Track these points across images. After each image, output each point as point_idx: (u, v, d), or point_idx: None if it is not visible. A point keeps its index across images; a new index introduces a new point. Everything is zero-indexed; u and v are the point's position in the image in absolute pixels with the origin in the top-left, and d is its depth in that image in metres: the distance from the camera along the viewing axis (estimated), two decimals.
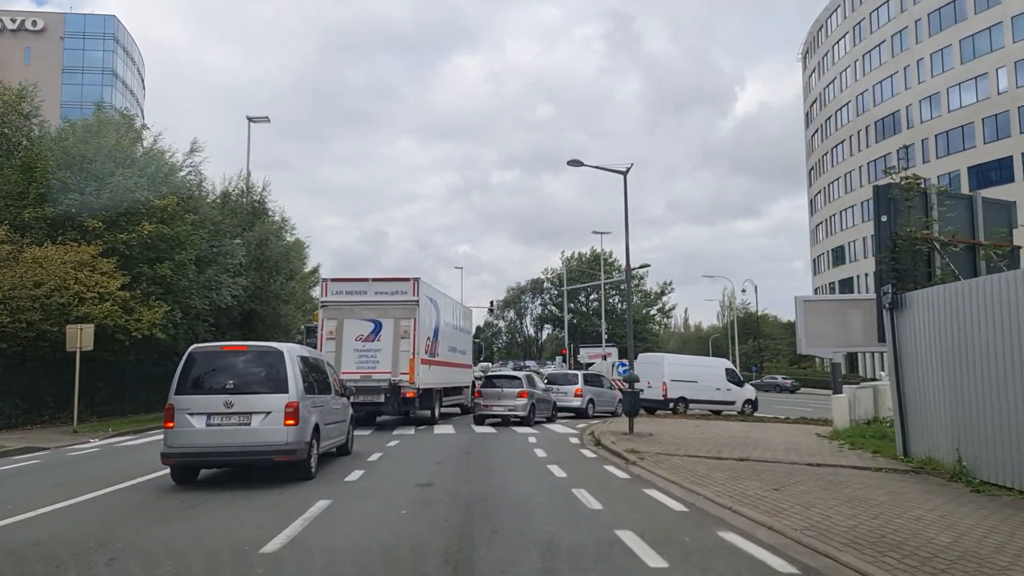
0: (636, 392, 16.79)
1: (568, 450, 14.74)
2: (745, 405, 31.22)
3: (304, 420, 11.01)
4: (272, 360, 11.10)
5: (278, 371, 10.94)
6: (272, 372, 10.98)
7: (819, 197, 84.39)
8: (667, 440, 15.51)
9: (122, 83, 79.16)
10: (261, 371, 11.06)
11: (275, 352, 11.24)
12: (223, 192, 40.98)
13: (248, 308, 37.47)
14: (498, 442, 16.16)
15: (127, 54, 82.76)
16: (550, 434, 18.71)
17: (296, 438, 10.74)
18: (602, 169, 23.71)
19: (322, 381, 12.78)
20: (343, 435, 13.99)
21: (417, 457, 13.35)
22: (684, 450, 13.55)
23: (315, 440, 11.56)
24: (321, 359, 13.62)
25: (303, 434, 10.97)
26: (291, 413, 10.73)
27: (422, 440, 16.73)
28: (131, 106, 75.84)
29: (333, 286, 21.20)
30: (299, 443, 10.81)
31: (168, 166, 28.34)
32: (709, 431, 18.59)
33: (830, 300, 30.78)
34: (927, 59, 64.95)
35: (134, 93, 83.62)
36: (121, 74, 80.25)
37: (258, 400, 10.73)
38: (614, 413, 27.98)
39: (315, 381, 12.25)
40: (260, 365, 11.13)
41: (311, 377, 12.13)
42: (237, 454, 10.69)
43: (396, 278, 21.28)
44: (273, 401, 10.71)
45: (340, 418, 13.66)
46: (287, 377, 10.89)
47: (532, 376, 23.51)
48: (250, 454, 10.68)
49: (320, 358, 13.56)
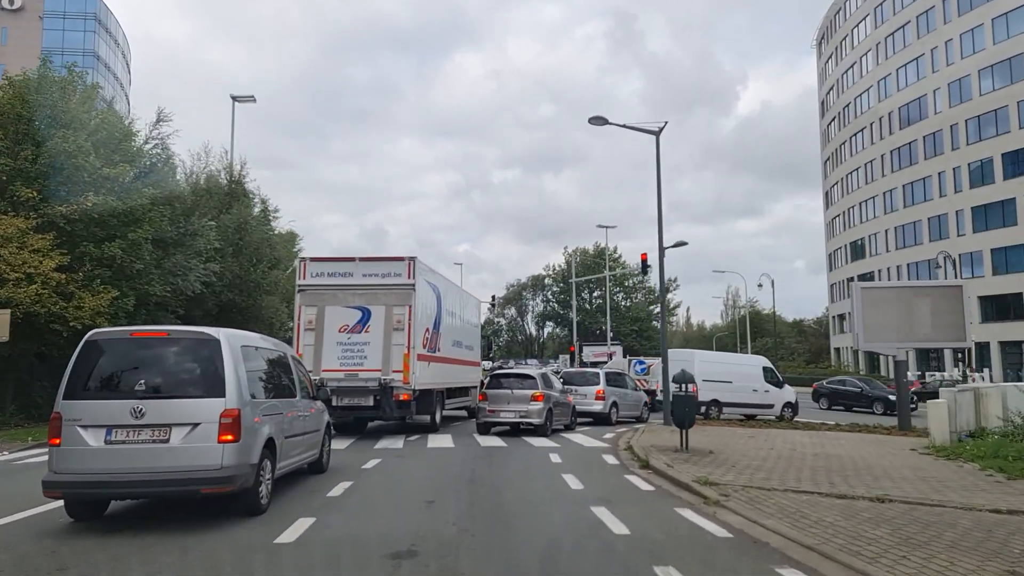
0: (691, 397, 13.11)
1: (608, 476, 11.04)
2: (784, 409, 27.58)
3: (250, 434, 7.61)
4: (204, 351, 7.64)
5: (212, 366, 7.53)
6: (204, 368, 7.58)
7: (835, 189, 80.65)
8: (737, 461, 11.83)
9: (105, 66, 75.19)
10: (188, 367, 7.67)
11: (208, 340, 7.71)
12: (195, 170, 37.65)
13: (225, 299, 33.81)
14: (511, 462, 12.46)
15: (111, 36, 78.84)
16: (574, 448, 15.03)
17: (236, 460, 7.36)
18: (631, 128, 20.08)
19: (283, 380, 9.27)
20: (315, 448, 10.50)
21: (399, 490, 9.55)
22: (773, 479, 9.88)
23: (268, 461, 8.12)
24: (284, 351, 9.96)
25: (247, 454, 7.55)
26: (229, 425, 7.33)
27: (411, 459, 13.01)
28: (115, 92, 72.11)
29: (313, 267, 17.50)
30: (240, 467, 7.41)
31: (123, 131, 24.62)
32: (775, 444, 14.92)
33: (893, 287, 27.09)
34: (956, 40, 61.20)
35: (118, 78, 79.71)
36: (104, 56, 76.31)
37: (181, 407, 7.39)
38: (639, 418, 24.34)
39: (271, 380, 8.78)
40: (186, 358, 7.72)
41: (266, 375, 8.68)
42: (148, 484, 7.25)
43: (388, 257, 17.61)
44: (203, 408, 7.36)
45: (311, 427, 10.16)
46: (225, 375, 7.47)
47: (548, 375, 19.77)
48: (167, 484, 7.25)
49: (283, 350, 9.89)
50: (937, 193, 62.68)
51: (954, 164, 60.78)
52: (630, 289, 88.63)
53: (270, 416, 8.28)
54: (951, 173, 61.15)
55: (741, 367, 27.86)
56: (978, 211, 58.59)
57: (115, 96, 56.59)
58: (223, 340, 7.63)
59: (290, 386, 9.46)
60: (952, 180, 61.06)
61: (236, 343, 7.89)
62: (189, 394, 7.41)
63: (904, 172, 66.53)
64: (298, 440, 9.45)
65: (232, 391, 7.38)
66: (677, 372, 13.53)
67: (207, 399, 7.34)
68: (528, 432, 17.71)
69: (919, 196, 64.88)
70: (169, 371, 7.55)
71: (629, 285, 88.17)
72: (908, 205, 66.12)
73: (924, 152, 64.17)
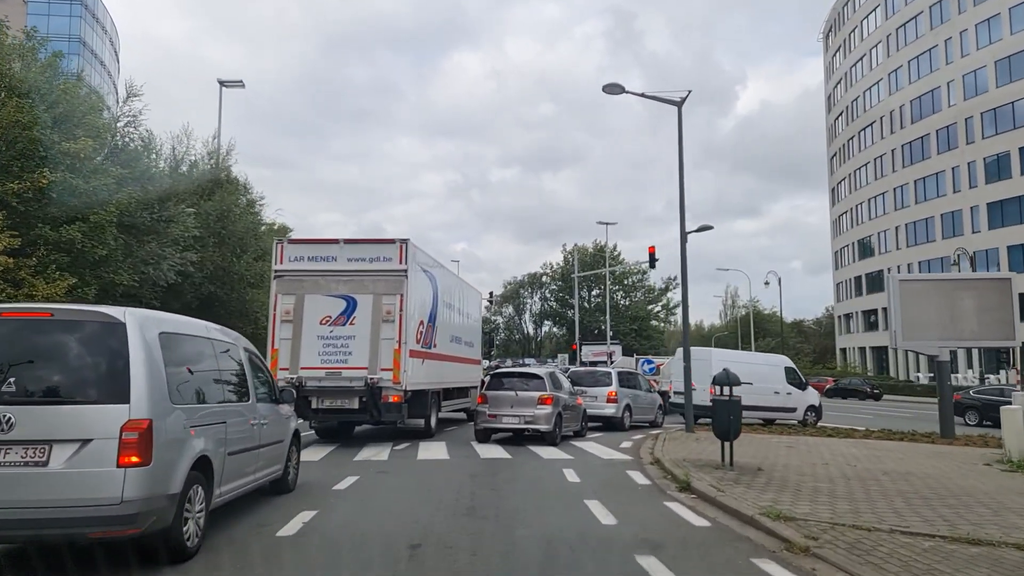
0: (737, 402, 11.00)
1: (644, 503, 8.90)
2: (807, 413, 25.47)
3: (168, 453, 5.52)
4: (103, 339, 5.52)
5: (114, 361, 5.40)
6: (102, 363, 5.45)
7: (842, 185, 78.59)
8: (797, 482, 9.71)
9: (91, 52, 72.77)
10: (79, 361, 5.54)
11: (109, 324, 5.58)
12: (177, 154, 35.56)
13: (206, 291, 31.66)
14: (518, 482, 10.30)
15: (98, 23, 76.40)
16: (591, 461, 12.90)
17: (144, 490, 5.24)
18: (651, 98, 17.98)
19: (229, 378, 7.13)
20: (278, 463, 8.37)
21: (375, 527, 7.26)
22: (861, 510, 7.77)
23: (200, 488, 5.99)
24: (234, 341, 7.75)
25: (162, 481, 5.44)
26: (134, 443, 5.21)
27: (396, 476, 10.81)
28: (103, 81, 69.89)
29: (291, 249, 15.36)
30: (150, 500, 5.28)
31: (88, 105, 22.47)
32: (825, 457, 12.82)
33: (934, 280, 24.95)
34: (971, 31, 59.17)
35: (106, 65, 77.25)
36: (90, 43, 73.89)
37: (66, 417, 5.27)
38: (653, 422, 22.24)
39: (211, 379, 6.65)
40: (78, 349, 5.56)
41: (203, 372, 6.51)
42: (15, 524, 5.12)
43: (377, 239, 15.47)
44: (98, 419, 5.25)
45: (271, 438, 8.02)
46: (131, 372, 5.34)
47: (556, 374, 17.60)
48: (42, 525, 5.11)
49: (231, 340, 7.68)
50: (951, 189, 60.68)
51: (969, 159, 58.78)
52: (629, 288, 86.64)
53: (205, 427, 6.16)
54: (965, 168, 59.14)
55: (761, 367, 25.70)
56: (994, 207, 56.60)
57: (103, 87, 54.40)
58: (131, 324, 5.50)
59: (241, 386, 7.32)
60: (967, 175, 59.05)
61: (152, 329, 5.75)
62: (78, 398, 5.30)
63: (916, 167, 64.51)
64: (251, 456, 7.32)
65: (141, 394, 5.26)
66: (719, 372, 11.39)
67: (104, 406, 5.23)
68: (533, 440, 15.59)
69: (931, 192, 62.87)
70: (51, 367, 5.45)
71: (628, 284, 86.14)
72: (920, 201, 64.10)
73: (937, 147, 62.14)
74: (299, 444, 9.41)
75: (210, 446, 6.13)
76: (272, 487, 8.50)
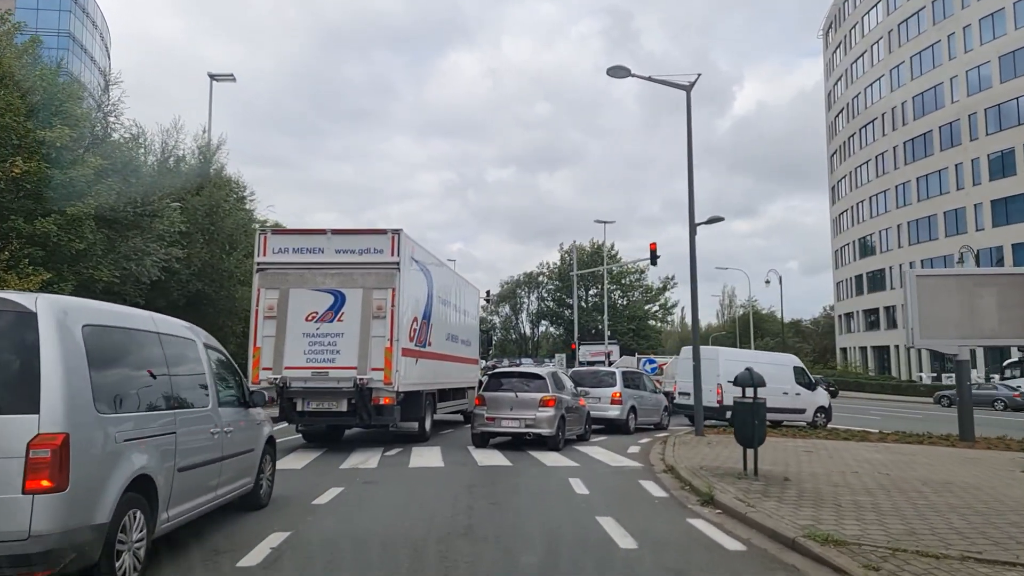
0: (762, 405, 10.04)
1: (665, 521, 7.91)
2: (817, 414, 24.52)
3: (92, 473, 4.50)
4: (8, 333, 4.51)
5: (21, 360, 4.41)
6: (5, 363, 4.47)
7: (843, 183, 77.71)
8: (832, 494, 8.72)
9: (80, 47, 71.54)
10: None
11: (17, 314, 4.53)
12: (166, 148, 34.61)
13: (194, 288, 30.63)
14: (521, 495, 9.29)
15: (88, 17, 75.15)
16: (599, 469, 11.91)
17: (58, 522, 4.22)
18: (659, 81, 16.95)
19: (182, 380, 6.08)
20: (247, 476, 7.34)
21: (356, 556, 6.17)
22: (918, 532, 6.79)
23: (138, 513, 4.93)
24: (192, 336, 6.68)
25: (83, 509, 4.39)
26: (44, 463, 4.21)
27: (384, 487, 9.79)
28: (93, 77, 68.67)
29: (275, 241, 14.30)
30: (68, 534, 4.25)
31: (67, 92, 21.41)
32: (851, 464, 11.84)
33: (954, 275, 23.98)
34: (974, 26, 58.34)
35: (96, 61, 76.00)
36: (80, 38, 72.64)
37: None
38: (659, 425, 21.26)
39: (158, 381, 5.61)
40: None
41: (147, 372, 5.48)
42: None
43: (367, 229, 14.41)
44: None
45: (238, 448, 6.99)
46: (42, 374, 4.32)
47: (559, 374, 16.60)
48: None
49: (187, 334, 6.60)
50: (954, 186, 59.83)
51: (972, 155, 57.92)
52: (627, 287, 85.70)
53: (147, 439, 5.15)
54: (969, 165, 58.29)
55: (770, 367, 24.62)
56: (998, 204, 55.75)
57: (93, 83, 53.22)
58: (45, 314, 4.47)
59: (198, 389, 6.30)
60: (970, 172, 58.20)
61: (74, 321, 4.71)
62: None
63: (918, 164, 63.66)
64: (211, 470, 6.31)
65: (55, 402, 4.24)
66: (742, 372, 10.41)
67: (7, 416, 4.23)
68: (534, 444, 14.60)
69: (934, 189, 62.01)
70: None
71: (626, 283, 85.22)
72: (923, 199, 63.25)
73: (940, 143, 61.27)
74: (274, 452, 8.39)
75: (153, 462, 5.12)
76: (242, 503, 7.49)
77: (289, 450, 13.74)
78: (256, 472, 7.59)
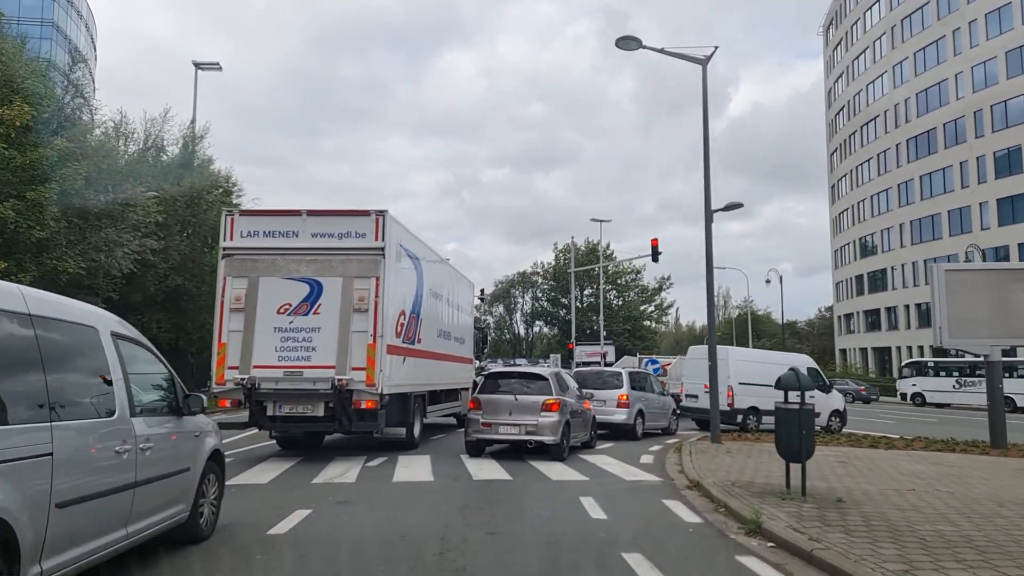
0: (810, 412, 8.54)
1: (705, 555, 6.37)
2: (831, 418, 23.03)
3: None
4: None
5: None
6: None
7: (843, 181, 76.40)
8: (901, 522, 7.18)
9: (64, 37, 69.56)
10: None
11: None
12: (150, 137, 33.14)
13: (172, 283, 29.04)
14: (523, 519, 7.71)
15: (72, 6, 73.17)
16: (612, 484, 10.36)
17: None
18: (674, 55, 15.44)
19: (75, 380, 4.58)
20: (180, 503, 5.81)
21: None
22: None
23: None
24: (88, 321, 4.94)
25: None
26: None
27: (360, 508, 8.15)
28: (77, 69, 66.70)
29: (243, 223, 12.67)
30: None
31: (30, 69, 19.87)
32: (897, 479, 10.32)
33: (984, 270, 22.54)
34: (980, 20, 57.10)
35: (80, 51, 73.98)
36: (64, 27, 70.70)
37: None
38: (667, 429, 19.76)
39: (18, 381, 3.99)
40: None
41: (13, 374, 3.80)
42: None
43: (348, 211, 12.77)
44: None
45: (164, 468, 5.44)
46: None
47: (562, 375, 15.02)
48: None
49: (78, 319, 4.81)
50: (959, 184, 58.56)
51: (978, 153, 56.66)
52: (622, 288, 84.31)
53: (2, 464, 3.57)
54: (974, 163, 57.03)
55: (782, 367, 23.12)
56: (1004, 203, 54.51)
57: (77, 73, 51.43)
58: None
59: (97, 392, 4.70)
60: (976, 170, 56.94)
61: None
62: None
63: (922, 162, 62.38)
64: (117, 500, 4.71)
65: None
66: (785, 374, 8.87)
67: None
68: (536, 453, 13.06)
69: (938, 188, 60.75)
70: None
71: (622, 283, 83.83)
72: (926, 197, 61.97)
73: (944, 141, 60.01)
74: (221, 470, 6.80)
75: (9, 499, 3.55)
76: (177, 535, 5.91)
77: (259, 459, 12.16)
78: (194, 497, 6.00)
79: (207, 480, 6.35)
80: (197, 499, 6.10)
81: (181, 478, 5.79)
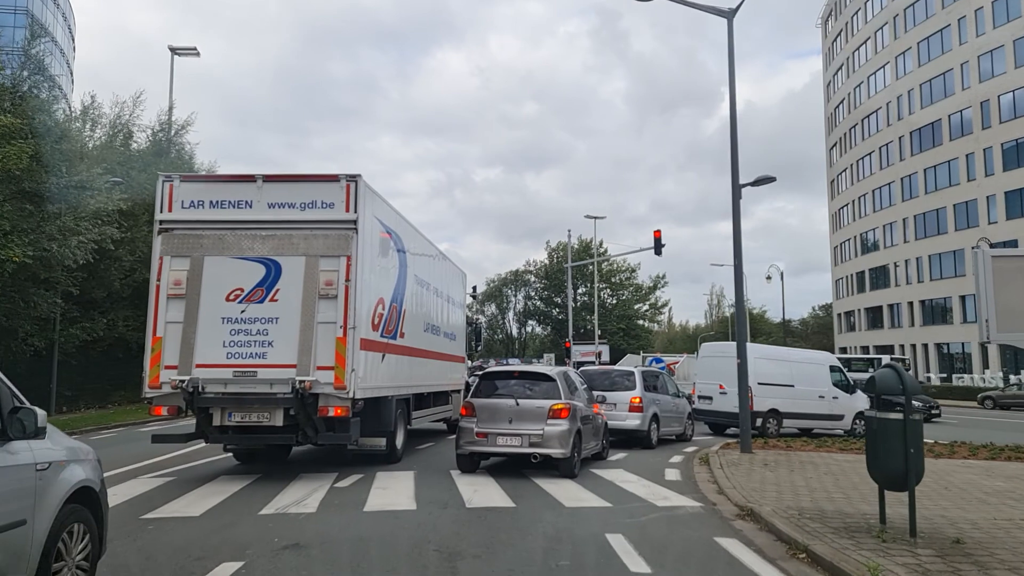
0: (918, 424, 6.41)
1: None
2: (856, 421, 20.92)
3: None
4: None
5: None
6: None
7: (843, 176, 74.60)
8: None
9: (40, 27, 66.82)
10: None
11: None
12: (121, 121, 31.06)
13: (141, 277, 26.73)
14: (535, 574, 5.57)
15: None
16: (640, 511, 8.21)
17: None
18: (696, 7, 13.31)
19: None
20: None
21: None
22: None
23: None
24: None
25: None
26: None
27: (313, 558, 5.88)
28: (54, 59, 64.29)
29: (184, 190, 10.39)
30: None
31: None
32: (991, 502, 8.24)
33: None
34: (987, 8, 55.33)
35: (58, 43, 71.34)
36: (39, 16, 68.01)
37: None
38: (682, 435, 17.65)
39: None
40: None
41: None
42: None
43: (312, 176, 10.51)
44: None
45: None
46: None
47: (570, 375, 12.83)
48: None
49: None
50: (964, 177, 56.76)
51: (985, 145, 54.88)
52: (616, 286, 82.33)
53: None
54: (981, 155, 55.25)
55: (804, 366, 21.18)
56: (1012, 196, 52.73)
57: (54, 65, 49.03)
58: None
59: None
60: (983, 162, 55.15)
61: None
62: None
63: (926, 155, 60.57)
64: None
65: None
66: (881, 372, 6.70)
67: None
68: (540, 468, 10.91)
69: (943, 181, 58.93)
70: None
71: (616, 282, 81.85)
72: (930, 191, 60.16)
73: (950, 133, 58.22)
74: (95, 517, 4.61)
75: None
76: None
77: (204, 479, 9.97)
78: (36, 566, 3.84)
79: (67, 535, 4.19)
80: (45, 568, 3.94)
81: (5, 538, 3.62)
